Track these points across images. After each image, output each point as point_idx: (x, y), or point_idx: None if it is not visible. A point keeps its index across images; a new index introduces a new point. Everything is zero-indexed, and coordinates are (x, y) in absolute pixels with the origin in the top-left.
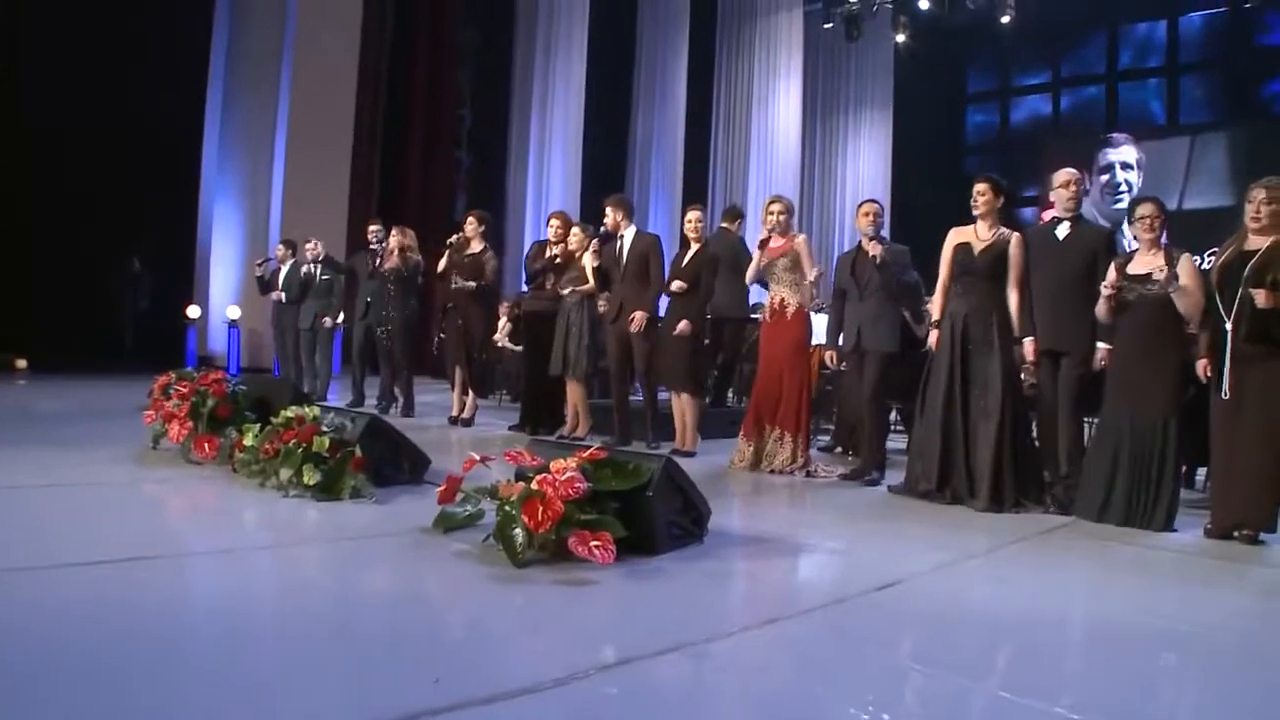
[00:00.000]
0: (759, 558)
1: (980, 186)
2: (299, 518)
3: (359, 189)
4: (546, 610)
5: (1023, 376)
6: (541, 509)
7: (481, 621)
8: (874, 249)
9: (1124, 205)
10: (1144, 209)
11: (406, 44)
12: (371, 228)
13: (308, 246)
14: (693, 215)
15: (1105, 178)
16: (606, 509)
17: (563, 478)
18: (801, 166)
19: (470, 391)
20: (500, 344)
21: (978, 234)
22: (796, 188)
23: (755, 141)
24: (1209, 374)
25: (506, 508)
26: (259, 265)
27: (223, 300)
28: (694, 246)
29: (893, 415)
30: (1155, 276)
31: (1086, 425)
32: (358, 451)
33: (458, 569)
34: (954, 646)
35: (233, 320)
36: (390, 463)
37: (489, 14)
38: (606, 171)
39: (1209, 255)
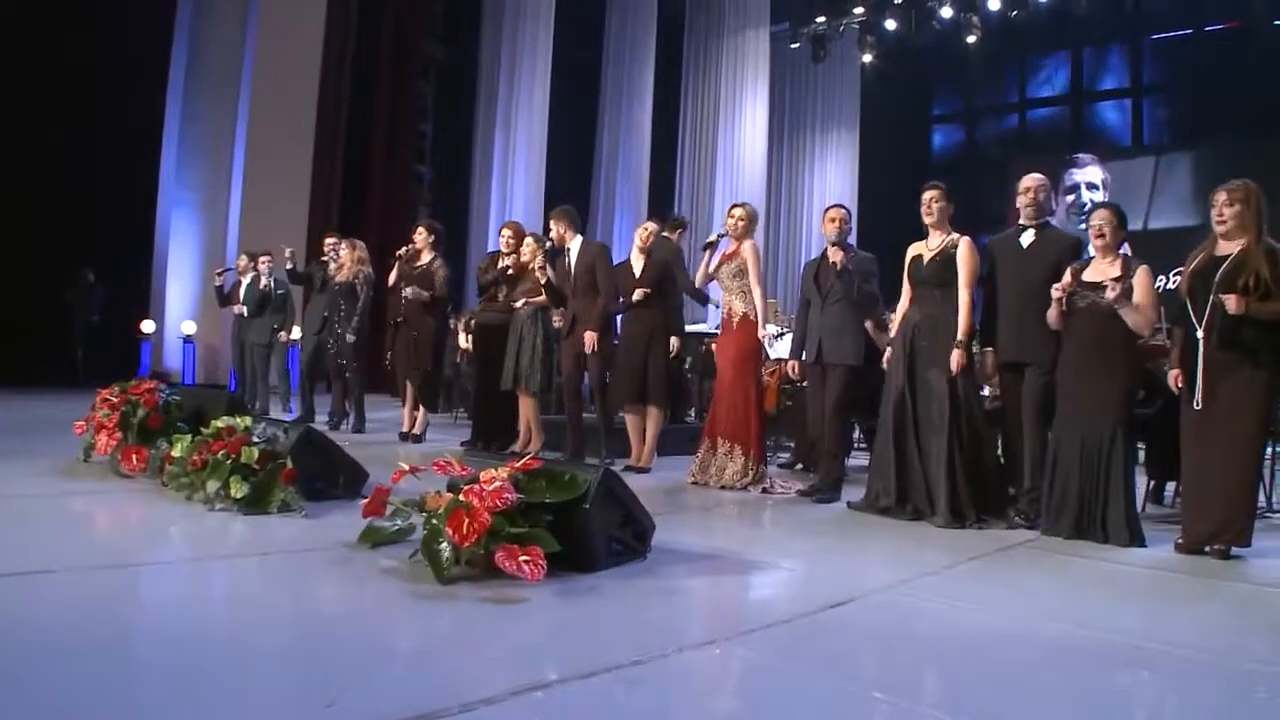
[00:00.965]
0: (703, 575)
1: (930, 194)
2: (221, 532)
3: (319, 202)
4: (467, 630)
5: (986, 390)
6: (467, 521)
7: (393, 641)
8: (836, 255)
9: (1091, 249)
10: (1095, 216)
11: (370, 58)
12: (328, 241)
13: (264, 260)
14: (649, 226)
15: (1071, 198)
16: (539, 522)
17: (490, 488)
18: (768, 185)
19: (421, 407)
20: (459, 359)
21: (928, 244)
22: (763, 207)
23: (721, 160)
24: (1180, 384)
25: (434, 521)
26: (219, 274)
27: (179, 315)
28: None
29: (856, 433)
30: (1108, 295)
31: None
32: (289, 464)
33: (378, 586)
34: (902, 667)
35: (188, 335)
36: (324, 476)
37: (454, 29)
38: (571, 187)
39: (1174, 275)
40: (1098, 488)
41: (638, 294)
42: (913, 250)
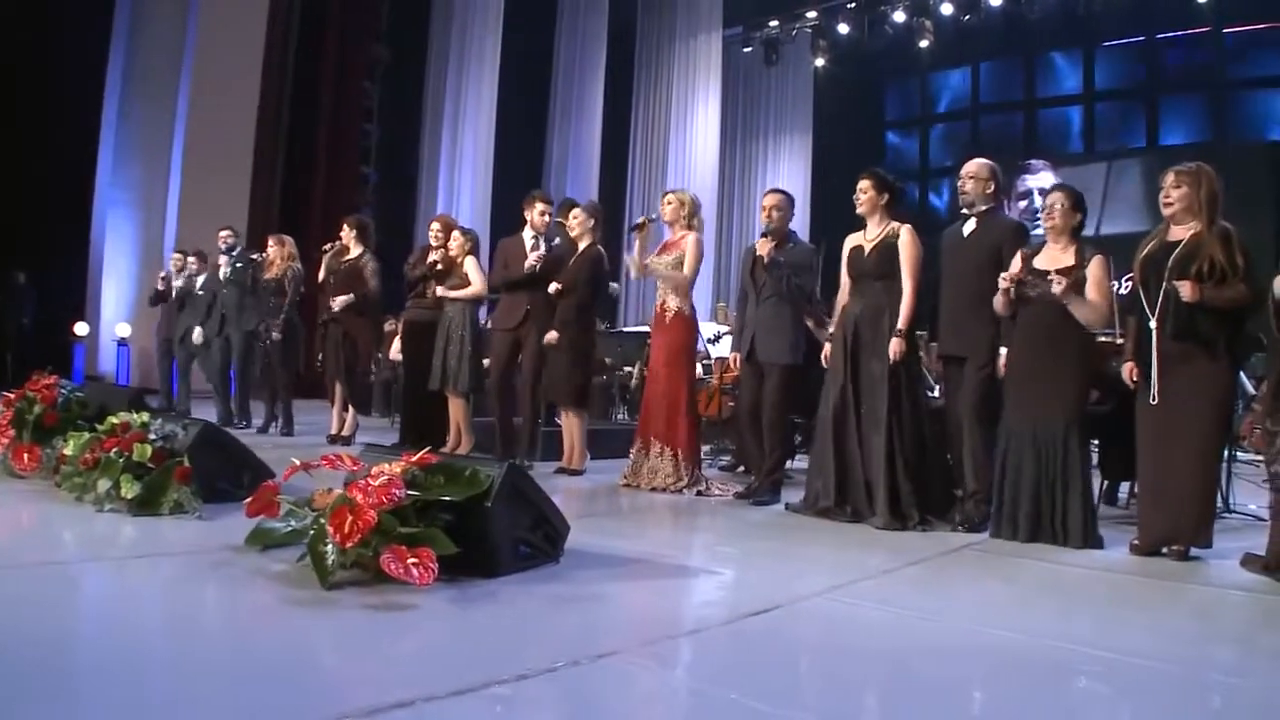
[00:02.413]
0: (619, 580)
1: (862, 184)
2: (105, 534)
3: (259, 203)
4: (341, 641)
5: (937, 391)
6: (351, 520)
7: (257, 653)
8: (764, 248)
9: (1044, 230)
10: (1051, 196)
11: (313, 57)
12: (222, 233)
13: (190, 259)
14: (577, 212)
15: (1024, 204)
16: (436, 521)
17: (377, 483)
18: (720, 190)
19: (351, 408)
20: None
21: (866, 234)
22: (714, 211)
23: (673, 165)
24: (1135, 378)
25: (321, 520)
26: (171, 270)
27: (114, 317)
28: (581, 246)
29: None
30: (1055, 290)
31: None
32: (185, 462)
33: (256, 591)
34: (821, 683)
35: (123, 338)
36: (226, 475)
37: (400, 30)
38: (520, 191)
39: (1125, 280)
40: (1053, 488)
41: (553, 289)
42: (851, 241)
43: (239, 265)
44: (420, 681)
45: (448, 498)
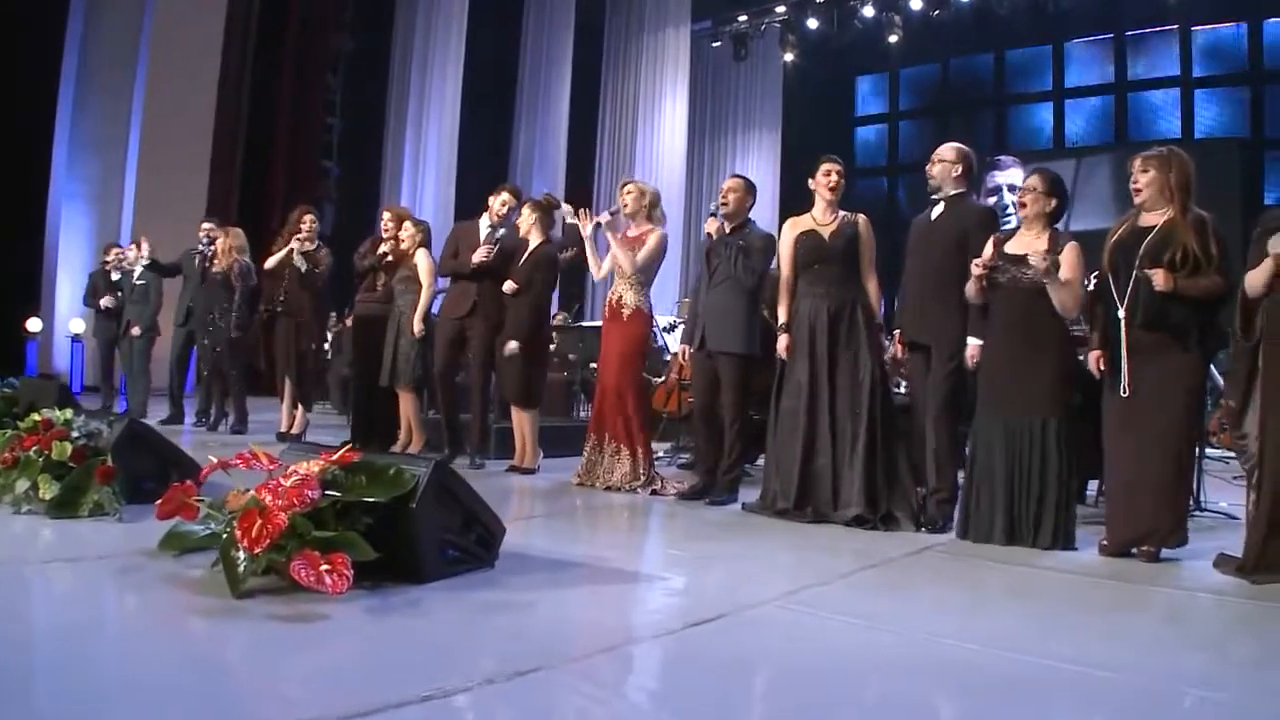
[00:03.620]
0: (557, 587)
1: (838, 167)
2: (18, 537)
3: (218, 197)
4: (241, 656)
5: (904, 387)
6: (260, 523)
7: (147, 668)
8: (711, 225)
9: (1014, 226)
10: (1029, 180)
11: (273, 48)
12: (204, 226)
13: (128, 251)
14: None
15: (993, 199)
16: (357, 523)
17: (289, 484)
18: (688, 185)
19: (300, 405)
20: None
21: (817, 220)
22: (682, 207)
23: (640, 158)
24: (1102, 369)
25: (233, 523)
26: (112, 259)
27: (68, 313)
28: (532, 242)
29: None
30: (1032, 261)
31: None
32: (108, 461)
33: (161, 600)
34: (755, 703)
35: (76, 334)
36: (154, 475)
37: (364, 20)
38: (486, 185)
39: (1094, 276)
40: (1029, 487)
41: (507, 287)
42: (796, 226)
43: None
44: (316, 703)
45: (370, 499)
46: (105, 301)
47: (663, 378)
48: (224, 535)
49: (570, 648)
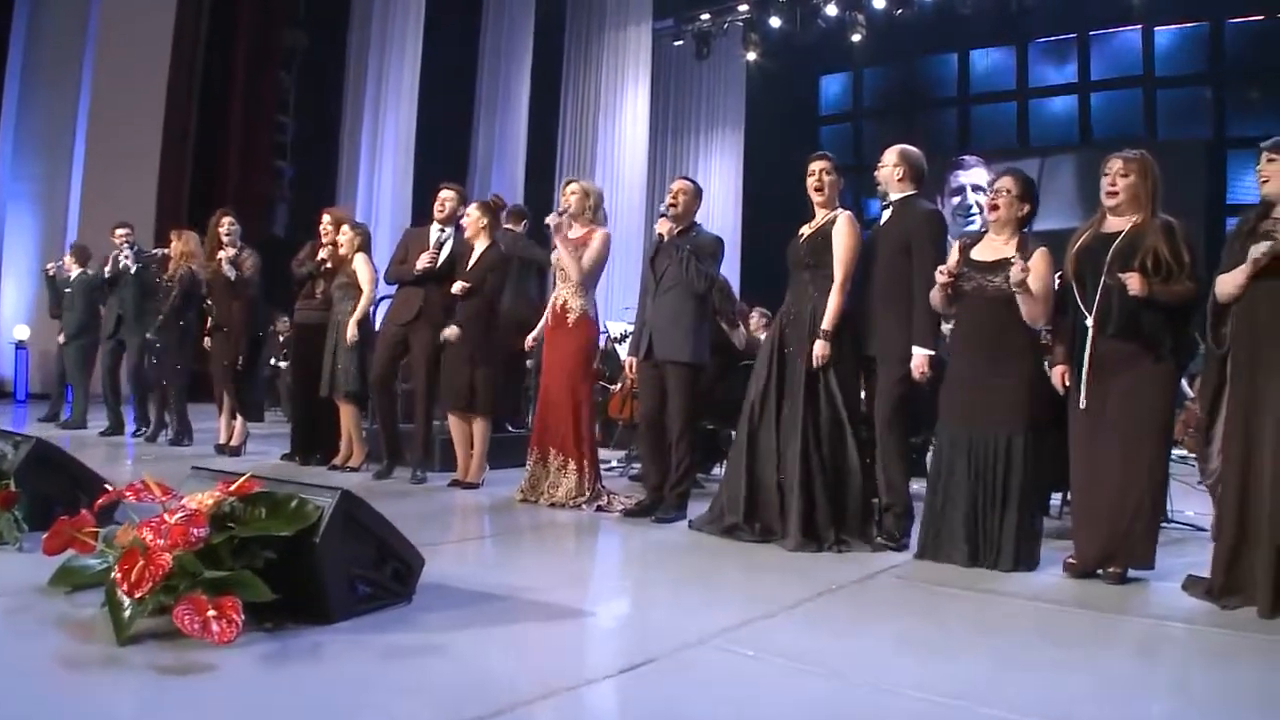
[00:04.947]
0: (475, 626)
1: (823, 165)
2: None
3: (168, 198)
4: (109, 715)
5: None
6: (141, 564)
7: None
8: (662, 225)
9: (976, 227)
10: (1002, 181)
11: (225, 45)
12: (119, 232)
13: (66, 258)
14: (472, 209)
15: (957, 200)
16: (256, 560)
17: (174, 520)
18: (649, 185)
19: (239, 416)
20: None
21: (811, 223)
22: (644, 207)
23: (601, 158)
24: (1066, 383)
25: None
26: (50, 268)
27: (12, 318)
28: (479, 244)
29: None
30: (1013, 275)
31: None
32: (11, 485)
33: (37, 646)
34: None
35: (20, 341)
36: (64, 499)
37: (318, 17)
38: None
39: (1058, 277)
40: (993, 505)
41: (458, 286)
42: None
43: (140, 264)
44: None
45: (271, 531)
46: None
47: (618, 384)
48: (112, 575)
49: (476, 703)
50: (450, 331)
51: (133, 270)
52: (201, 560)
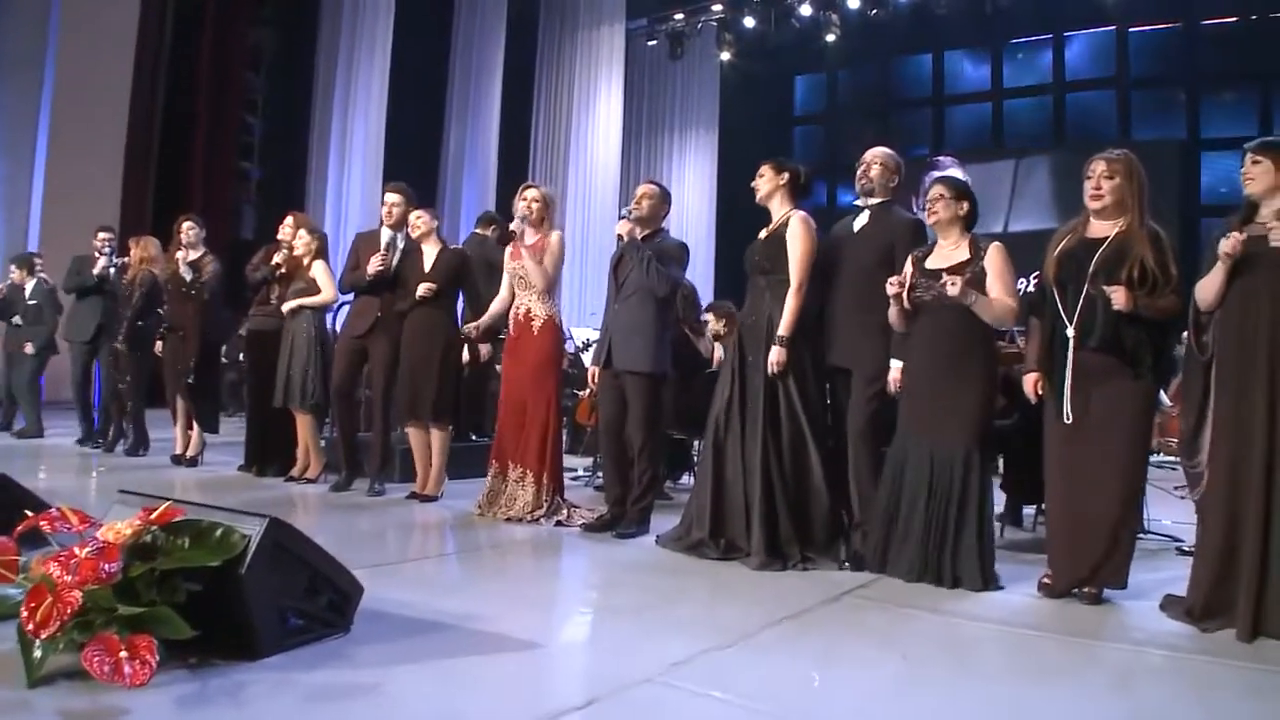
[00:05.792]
0: (412, 660)
1: (762, 168)
2: None
3: (132, 200)
4: None
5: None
6: (49, 601)
7: None
8: (621, 227)
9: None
10: (932, 190)
11: (190, 45)
12: (101, 235)
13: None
14: (420, 213)
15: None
16: (178, 593)
17: (84, 554)
18: (622, 186)
19: (196, 425)
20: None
21: (769, 225)
22: (617, 209)
23: (574, 160)
24: (1039, 392)
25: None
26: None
27: None
28: (429, 249)
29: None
30: (950, 290)
31: None
32: None
33: None
34: None
35: None
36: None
37: (286, 14)
38: (415, 187)
39: (1033, 278)
40: (947, 521)
41: (424, 287)
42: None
43: (112, 270)
44: None
45: (194, 562)
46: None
47: (586, 390)
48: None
49: None
50: (426, 286)
51: (112, 275)
52: (117, 595)
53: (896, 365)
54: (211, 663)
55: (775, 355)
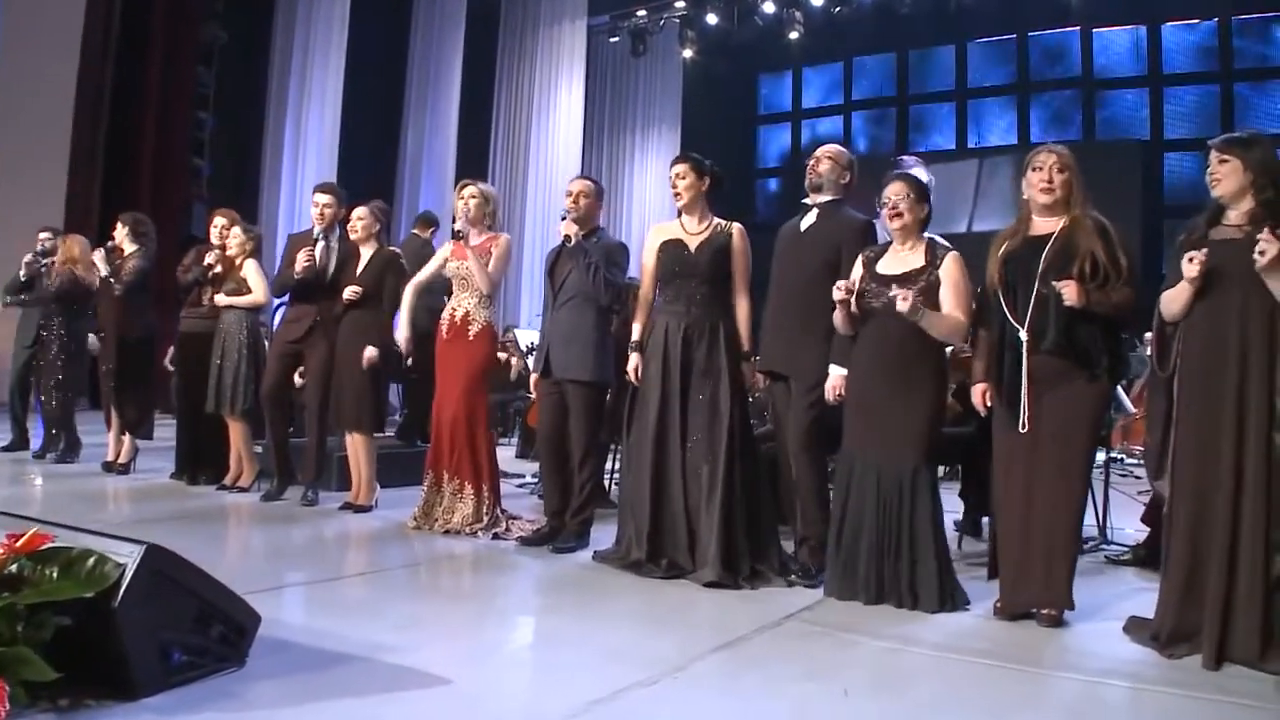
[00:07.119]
0: (307, 699)
1: (678, 168)
2: None
3: (77, 199)
4: None
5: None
6: None
7: None
8: (567, 228)
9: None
10: (891, 189)
11: (139, 39)
12: (41, 235)
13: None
14: (361, 212)
15: None
16: (46, 627)
17: None
18: None
19: (127, 431)
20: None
21: (686, 228)
22: None
23: (535, 158)
24: (990, 402)
25: None
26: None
27: None
28: (366, 251)
29: None
30: (899, 307)
31: None
32: None
33: None
34: None
35: None
36: None
37: (239, 8)
38: (371, 185)
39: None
40: (899, 539)
41: (350, 291)
42: (660, 233)
43: (41, 269)
44: None
45: (63, 595)
46: None
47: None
48: None
49: None
50: (370, 353)
51: (41, 274)
52: None
53: (839, 372)
54: (85, 704)
55: (749, 371)
